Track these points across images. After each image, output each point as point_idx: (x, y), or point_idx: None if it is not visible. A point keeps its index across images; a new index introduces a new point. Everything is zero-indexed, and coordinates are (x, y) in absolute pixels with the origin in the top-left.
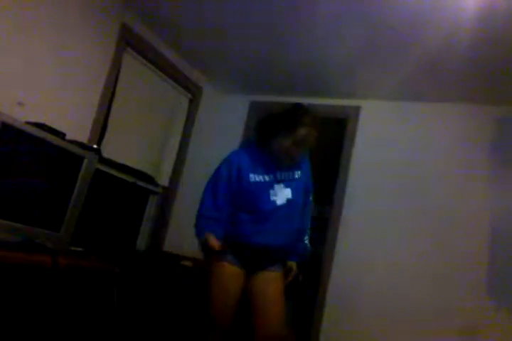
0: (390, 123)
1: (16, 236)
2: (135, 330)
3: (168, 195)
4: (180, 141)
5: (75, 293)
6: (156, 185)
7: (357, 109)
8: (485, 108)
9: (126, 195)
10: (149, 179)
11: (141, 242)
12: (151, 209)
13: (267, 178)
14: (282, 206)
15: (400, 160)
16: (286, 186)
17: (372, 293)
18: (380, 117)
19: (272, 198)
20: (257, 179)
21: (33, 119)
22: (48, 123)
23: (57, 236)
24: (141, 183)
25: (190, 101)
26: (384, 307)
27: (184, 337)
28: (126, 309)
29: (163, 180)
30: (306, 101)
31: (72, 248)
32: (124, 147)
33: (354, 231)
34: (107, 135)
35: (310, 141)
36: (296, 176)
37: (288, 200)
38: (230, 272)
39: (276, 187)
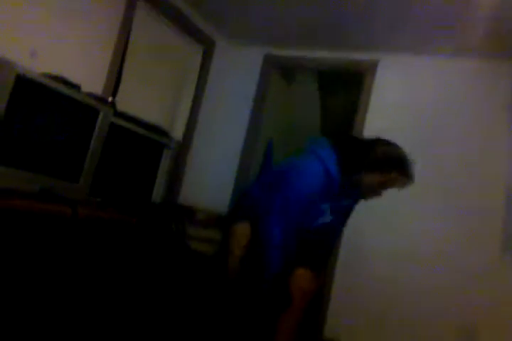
0: (407, 78)
1: (36, 187)
2: (151, 279)
3: (182, 149)
4: (193, 94)
5: (93, 242)
6: (170, 139)
7: (374, 64)
8: (504, 63)
9: (141, 148)
10: (163, 133)
11: (157, 195)
12: (165, 163)
13: (326, 207)
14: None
15: (416, 117)
16: (332, 213)
17: (387, 254)
18: (397, 72)
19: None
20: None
21: (46, 70)
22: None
23: (76, 187)
24: (155, 137)
25: (204, 54)
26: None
27: (198, 284)
28: (142, 258)
29: (177, 135)
30: (322, 54)
31: (91, 198)
32: (137, 101)
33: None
34: (121, 88)
35: (398, 186)
36: (346, 203)
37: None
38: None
39: (326, 213)
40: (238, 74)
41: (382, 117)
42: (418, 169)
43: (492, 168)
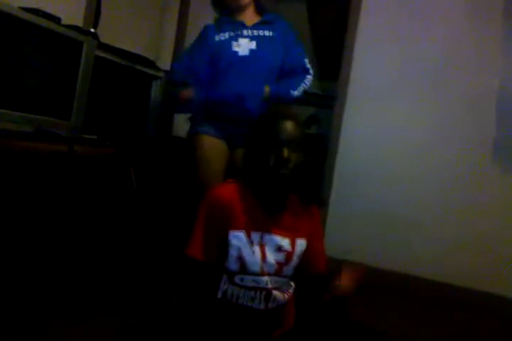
0: None
1: (29, 127)
2: (153, 209)
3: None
4: (177, 21)
5: (94, 178)
6: (158, 69)
7: None
8: None
9: (129, 81)
10: (150, 64)
11: (151, 128)
12: (155, 94)
13: (232, 34)
14: (245, 57)
15: (409, 33)
16: (252, 39)
17: (379, 168)
18: None
19: (234, 49)
20: (222, 38)
21: (22, 5)
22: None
23: (68, 125)
24: (142, 68)
25: None
26: (390, 178)
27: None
28: (143, 191)
29: (165, 65)
30: None
31: (86, 136)
32: (120, 32)
33: (360, 110)
34: (102, 19)
35: None
36: (267, 34)
37: (251, 51)
38: (208, 143)
39: (241, 40)
40: None
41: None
42: (407, 66)
43: (485, 71)
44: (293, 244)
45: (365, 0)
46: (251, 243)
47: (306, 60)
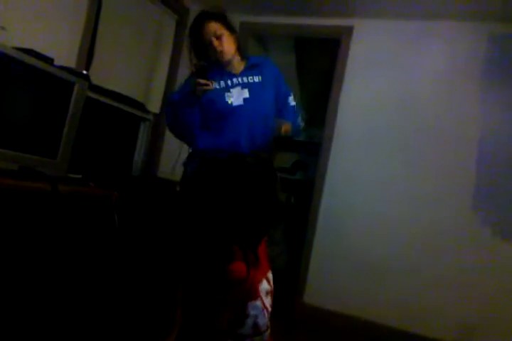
0: (382, 43)
1: (13, 165)
2: (136, 250)
3: (159, 122)
4: (169, 65)
5: (76, 218)
6: (147, 112)
7: (350, 29)
8: (478, 25)
9: (118, 122)
10: (140, 106)
11: (136, 169)
12: (143, 136)
13: (222, 85)
14: (240, 107)
15: (393, 81)
16: (243, 87)
17: (362, 214)
18: (372, 37)
19: (227, 100)
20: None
21: (16, 45)
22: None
23: (54, 163)
24: (131, 110)
25: (177, 23)
26: (372, 227)
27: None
28: (126, 231)
29: (154, 107)
30: (297, 21)
31: (71, 175)
32: (112, 74)
33: (346, 155)
34: (94, 62)
35: (207, 31)
36: (256, 80)
37: (245, 100)
38: None
39: (233, 90)
40: None
41: (358, 81)
42: (387, 127)
43: (464, 126)
44: (269, 281)
45: (351, 52)
46: (264, 307)
47: (291, 98)
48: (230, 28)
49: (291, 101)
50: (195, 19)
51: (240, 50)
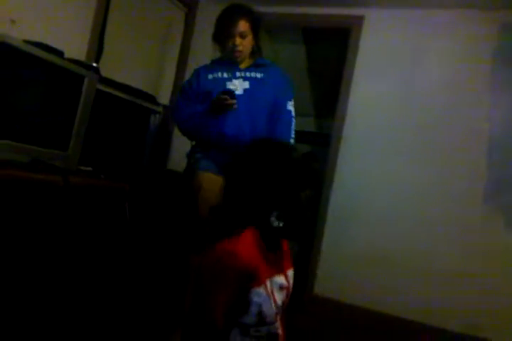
0: (393, 32)
1: (25, 157)
2: (147, 243)
3: (169, 114)
4: (178, 57)
5: (87, 210)
6: (157, 104)
7: (360, 19)
8: (489, 14)
9: (128, 114)
10: (150, 98)
11: (146, 161)
12: (153, 128)
13: (225, 75)
14: (240, 96)
15: (403, 72)
16: (245, 80)
17: (372, 211)
18: (384, 27)
19: (229, 87)
20: (215, 76)
21: (26, 38)
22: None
23: (65, 156)
24: (142, 102)
25: (186, 15)
26: (382, 224)
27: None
28: (137, 224)
29: (164, 99)
30: (307, 10)
31: (82, 167)
32: (122, 66)
33: (356, 146)
34: (104, 54)
35: (236, 27)
36: (258, 76)
37: (245, 90)
38: (208, 180)
39: (235, 81)
40: None
41: (368, 72)
42: (398, 120)
43: (476, 118)
44: (287, 278)
45: (362, 42)
46: (269, 295)
47: (290, 103)
48: (255, 30)
49: (289, 111)
50: (229, 10)
51: (253, 49)
